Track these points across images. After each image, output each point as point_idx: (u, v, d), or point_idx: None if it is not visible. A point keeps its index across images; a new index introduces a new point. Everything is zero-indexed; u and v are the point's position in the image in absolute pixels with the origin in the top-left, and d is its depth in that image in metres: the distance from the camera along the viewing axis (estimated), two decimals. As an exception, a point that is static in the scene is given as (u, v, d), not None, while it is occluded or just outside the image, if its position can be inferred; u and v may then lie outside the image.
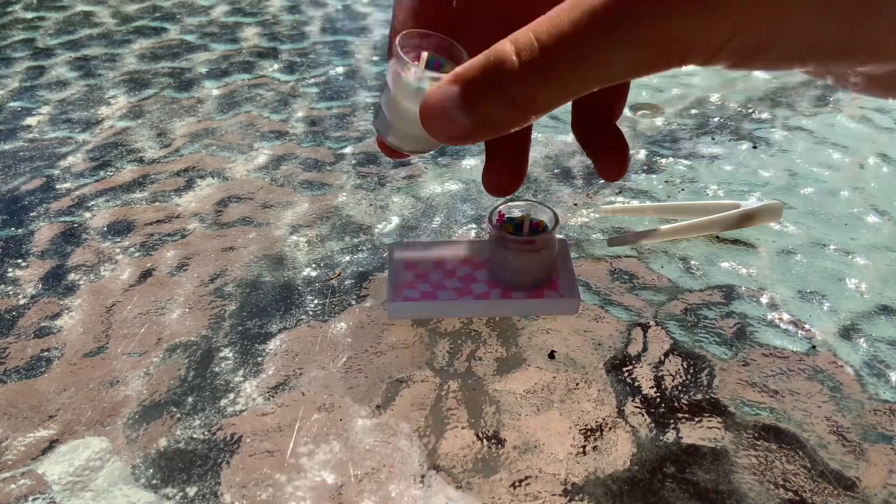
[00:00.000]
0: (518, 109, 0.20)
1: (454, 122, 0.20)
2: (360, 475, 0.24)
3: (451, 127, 0.21)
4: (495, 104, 0.20)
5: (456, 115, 0.20)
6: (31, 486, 0.24)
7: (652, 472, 0.24)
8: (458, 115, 0.20)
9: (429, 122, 0.21)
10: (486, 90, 0.20)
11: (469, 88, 0.20)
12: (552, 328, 0.30)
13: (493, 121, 0.20)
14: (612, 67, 0.18)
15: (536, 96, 0.19)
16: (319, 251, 0.35)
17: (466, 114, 0.20)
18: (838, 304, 0.31)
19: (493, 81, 0.19)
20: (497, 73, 0.19)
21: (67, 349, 0.29)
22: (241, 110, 0.47)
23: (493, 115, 0.20)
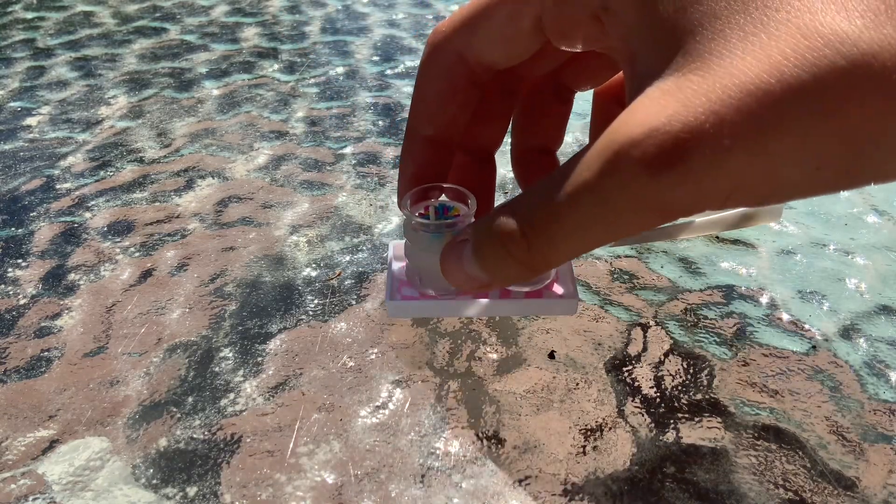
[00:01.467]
0: (528, 269, 0.21)
1: (472, 275, 0.22)
2: (360, 475, 0.24)
3: (470, 280, 0.22)
4: (505, 264, 0.21)
5: (472, 270, 0.22)
6: (31, 486, 0.24)
7: (652, 472, 0.24)
8: (474, 270, 0.22)
9: (449, 276, 0.23)
10: (494, 253, 0.21)
11: (480, 251, 0.22)
12: (552, 328, 0.30)
13: (506, 276, 0.22)
14: (614, 233, 0.19)
15: (540, 261, 0.20)
16: (319, 251, 0.35)
17: (481, 269, 0.22)
18: (838, 304, 0.31)
19: (500, 246, 0.21)
20: (503, 241, 0.20)
21: (67, 349, 0.29)
22: (241, 110, 0.47)
23: (505, 272, 0.22)
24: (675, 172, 0.16)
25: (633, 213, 0.18)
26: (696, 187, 0.17)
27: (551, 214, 0.19)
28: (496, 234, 0.21)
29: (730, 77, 0.16)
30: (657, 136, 0.16)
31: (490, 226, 0.21)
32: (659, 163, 0.16)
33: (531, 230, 0.20)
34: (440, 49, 0.24)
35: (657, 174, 0.16)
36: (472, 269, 0.22)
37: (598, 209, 0.18)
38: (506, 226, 0.20)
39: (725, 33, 0.17)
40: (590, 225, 0.18)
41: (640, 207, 0.17)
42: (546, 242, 0.19)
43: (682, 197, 0.17)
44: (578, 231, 0.19)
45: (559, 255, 0.20)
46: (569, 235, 0.19)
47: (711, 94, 0.16)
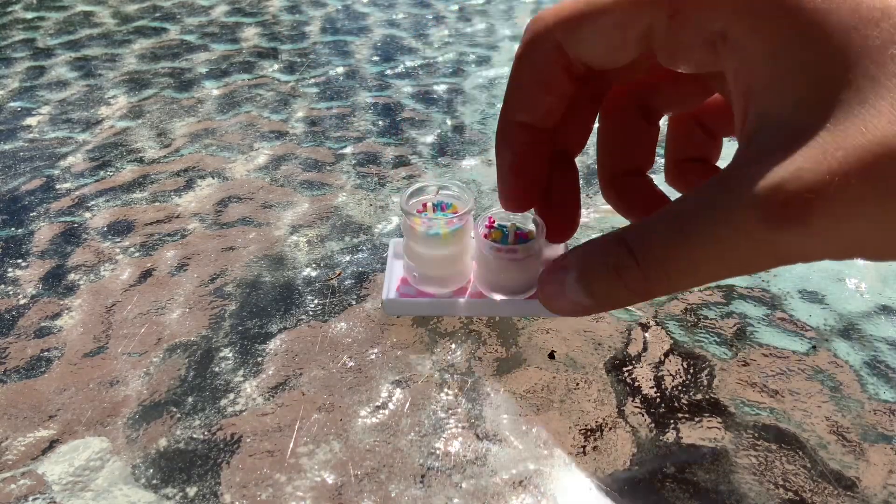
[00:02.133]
0: (638, 297, 0.21)
1: (576, 301, 0.23)
2: (360, 475, 0.24)
3: (573, 305, 0.23)
4: (616, 293, 0.21)
5: (577, 297, 0.22)
6: (31, 486, 0.24)
7: (652, 472, 0.24)
8: (580, 297, 0.22)
9: (549, 301, 0.24)
10: (607, 282, 0.21)
11: (588, 278, 0.22)
12: (552, 328, 0.30)
13: (614, 303, 0.23)
14: (728, 273, 0.19)
15: (651, 292, 0.21)
16: (319, 251, 0.35)
17: (588, 296, 0.22)
18: (838, 304, 0.31)
19: (614, 276, 0.21)
20: (619, 272, 0.21)
21: (67, 349, 0.29)
22: (241, 110, 0.47)
23: (614, 300, 0.22)
24: (796, 230, 0.17)
25: (749, 259, 0.18)
26: (816, 243, 0.17)
27: (671, 251, 0.19)
28: (611, 264, 0.21)
29: (859, 137, 0.16)
30: (782, 193, 0.16)
31: (603, 255, 0.21)
32: (781, 219, 0.17)
33: (648, 264, 0.20)
34: (541, 38, 0.23)
35: (778, 230, 0.17)
36: (577, 296, 0.22)
37: (716, 252, 0.18)
38: (622, 258, 0.20)
39: (859, 84, 0.16)
40: (705, 264, 0.19)
41: (757, 255, 0.18)
42: (663, 276, 0.20)
43: (800, 251, 0.17)
44: (693, 268, 0.19)
45: (672, 288, 0.20)
46: (684, 272, 0.20)
47: (839, 154, 0.16)
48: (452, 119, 0.46)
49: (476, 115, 0.46)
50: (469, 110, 0.47)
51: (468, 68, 0.52)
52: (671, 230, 0.19)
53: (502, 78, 0.51)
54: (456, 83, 0.50)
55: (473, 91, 0.49)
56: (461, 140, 0.44)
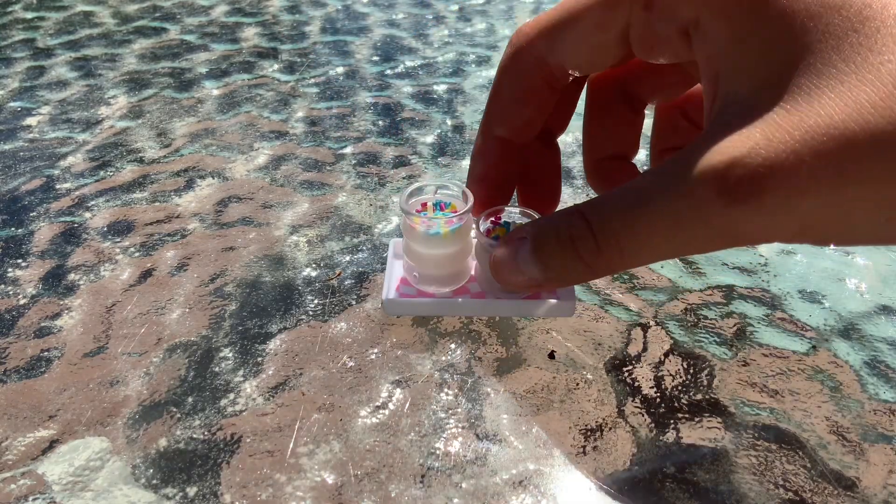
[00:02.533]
0: (590, 271, 0.21)
1: (527, 274, 0.22)
2: (360, 475, 0.24)
3: (523, 279, 0.23)
4: (568, 265, 0.21)
5: (528, 269, 0.22)
6: (31, 486, 0.24)
7: (652, 472, 0.24)
8: (531, 269, 0.22)
9: (501, 273, 0.24)
10: (561, 253, 0.21)
11: (542, 249, 0.22)
12: (552, 328, 0.30)
13: (565, 276, 0.22)
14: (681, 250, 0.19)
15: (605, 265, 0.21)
16: (319, 251, 0.35)
17: (540, 269, 0.22)
18: (838, 304, 0.31)
19: (568, 246, 0.21)
20: (574, 242, 0.21)
21: (67, 349, 0.29)
22: (241, 110, 0.47)
23: (565, 272, 0.22)
24: (749, 206, 0.17)
25: (703, 236, 0.18)
26: (767, 222, 0.17)
27: (626, 223, 0.19)
28: (565, 234, 0.21)
29: (816, 118, 0.16)
30: (736, 169, 0.17)
31: (558, 225, 0.21)
32: (735, 194, 0.17)
33: (603, 235, 0.20)
34: (522, 51, 0.24)
35: (731, 204, 0.17)
36: (529, 268, 0.22)
37: (670, 226, 0.18)
38: (577, 228, 0.20)
39: (818, 69, 0.16)
40: (660, 240, 0.19)
41: (711, 232, 0.18)
42: (616, 249, 0.20)
43: (752, 229, 0.17)
44: (649, 243, 0.19)
45: (625, 262, 0.20)
46: (639, 246, 0.20)
47: (795, 133, 0.16)
48: (452, 119, 0.46)
49: (476, 115, 0.46)
50: (469, 110, 0.47)
51: (468, 68, 0.52)
52: (628, 203, 0.19)
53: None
54: (456, 83, 0.50)
55: (473, 91, 0.49)
56: (461, 140, 0.44)
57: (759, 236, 0.18)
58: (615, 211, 0.20)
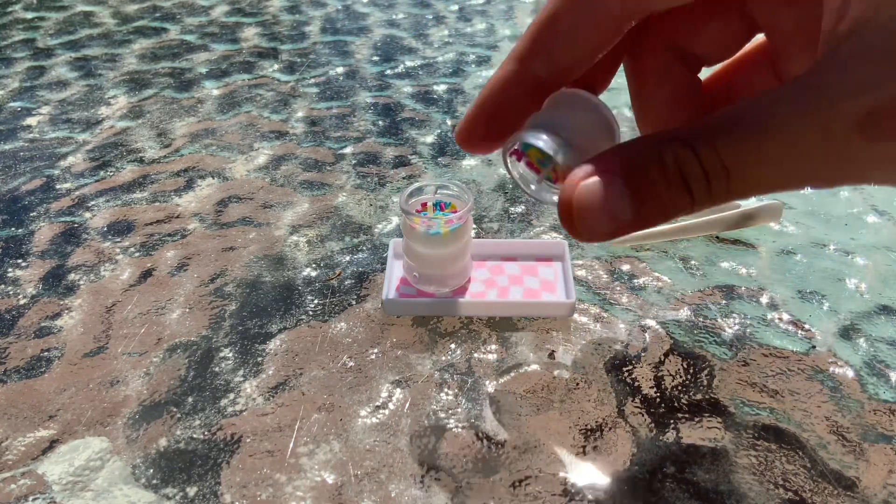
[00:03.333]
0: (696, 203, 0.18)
1: (614, 214, 0.18)
2: (360, 475, 0.24)
3: (609, 220, 0.19)
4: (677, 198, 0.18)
5: (618, 207, 0.18)
6: (31, 486, 0.24)
7: (652, 472, 0.24)
8: (621, 207, 0.18)
9: (582, 216, 0.19)
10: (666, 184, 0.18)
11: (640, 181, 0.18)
12: (552, 328, 0.30)
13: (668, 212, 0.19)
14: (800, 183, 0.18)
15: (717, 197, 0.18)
16: (319, 251, 0.35)
17: (635, 204, 0.18)
18: (838, 304, 0.31)
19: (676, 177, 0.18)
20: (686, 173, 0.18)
21: (67, 349, 0.29)
22: (241, 110, 0.47)
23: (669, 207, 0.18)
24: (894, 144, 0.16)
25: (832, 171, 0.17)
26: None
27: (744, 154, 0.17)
28: (672, 166, 0.18)
29: None
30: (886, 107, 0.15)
31: (661, 155, 0.18)
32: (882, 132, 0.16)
33: (712, 166, 0.17)
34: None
35: (876, 142, 0.16)
36: (619, 205, 0.18)
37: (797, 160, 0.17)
38: (684, 158, 0.17)
39: None
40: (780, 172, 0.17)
41: (843, 167, 0.17)
42: (725, 180, 0.17)
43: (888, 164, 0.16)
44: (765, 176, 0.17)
45: (733, 194, 0.18)
46: (755, 179, 0.17)
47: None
48: (452, 119, 0.46)
49: (476, 115, 0.46)
50: (469, 110, 0.47)
51: (468, 68, 0.52)
52: (748, 131, 0.17)
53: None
54: (456, 83, 0.50)
55: (473, 91, 0.49)
56: (461, 140, 0.44)
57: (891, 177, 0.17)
58: (730, 142, 0.17)
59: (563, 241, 0.33)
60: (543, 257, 0.33)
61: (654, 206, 0.18)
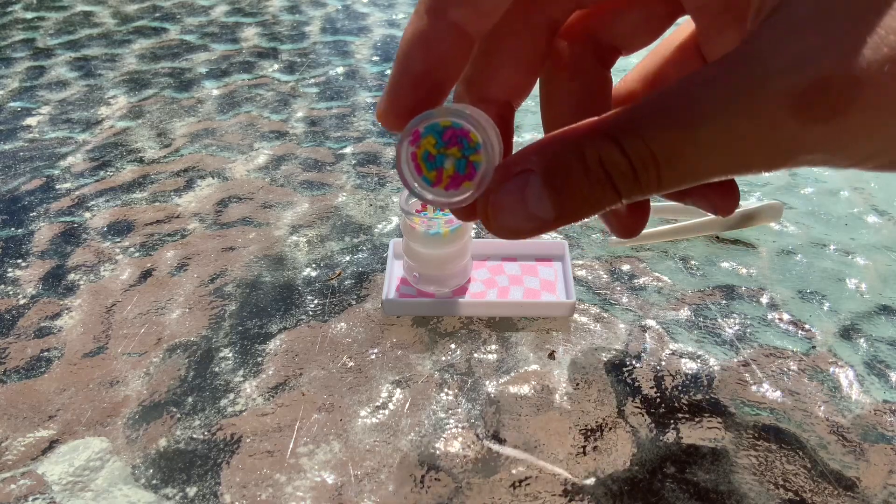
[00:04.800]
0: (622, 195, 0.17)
1: (534, 213, 0.18)
2: (360, 475, 0.24)
3: (529, 220, 0.18)
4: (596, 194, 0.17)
5: (538, 206, 0.18)
6: (31, 486, 0.24)
7: (652, 472, 0.24)
8: (541, 206, 0.18)
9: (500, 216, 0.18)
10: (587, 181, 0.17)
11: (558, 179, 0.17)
12: (552, 328, 0.30)
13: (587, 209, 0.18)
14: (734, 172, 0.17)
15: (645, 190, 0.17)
16: (319, 251, 0.35)
17: (555, 203, 0.17)
18: (838, 304, 0.31)
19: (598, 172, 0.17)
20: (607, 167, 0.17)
21: (67, 349, 0.29)
22: (241, 110, 0.47)
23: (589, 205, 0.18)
24: (829, 125, 0.14)
25: (765, 158, 0.16)
26: (847, 142, 0.15)
27: (672, 146, 0.16)
28: (594, 162, 0.17)
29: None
30: (819, 83, 0.14)
31: (582, 152, 0.17)
32: (814, 112, 0.14)
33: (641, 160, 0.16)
34: None
35: (808, 124, 0.15)
36: (539, 205, 0.17)
37: (727, 149, 0.16)
38: (608, 153, 0.16)
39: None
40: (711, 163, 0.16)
41: (776, 155, 0.16)
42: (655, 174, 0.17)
43: (826, 150, 0.15)
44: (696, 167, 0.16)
45: (664, 187, 0.17)
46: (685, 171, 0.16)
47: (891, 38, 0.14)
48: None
49: (476, 115, 0.46)
50: (469, 110, 0.47)
51: (468, 68, 0.52)
52: (675, 122, 0.16)
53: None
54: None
55: (473, 91, 0.49)
56: (461, 140, 0.44)
57: (828, 159, 0.16)
58: (658, 132, 0.16)
59: (563, 242, 0.33)
60: (543, 257, 0.33)
61: (577, 204, 0.18)
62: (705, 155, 0.16)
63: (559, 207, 0.18)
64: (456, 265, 0.29)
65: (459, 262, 0.29)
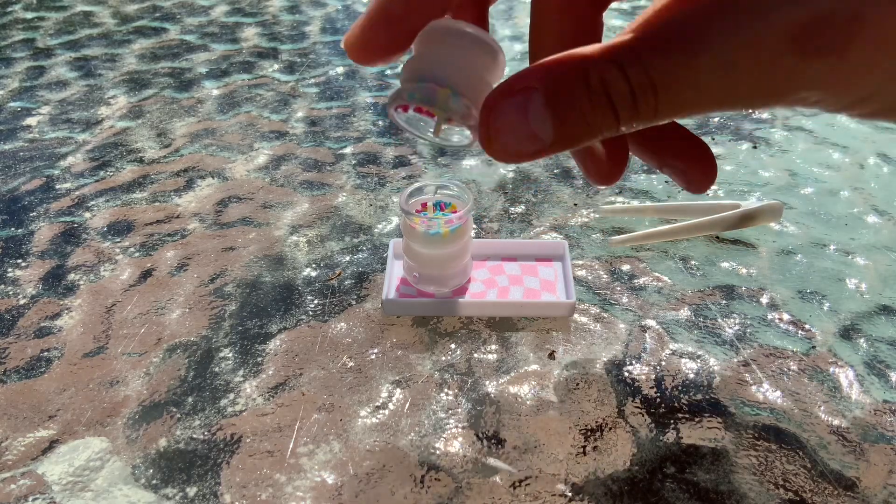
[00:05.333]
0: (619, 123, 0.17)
1: (533, 133, 0.18)
2: (360, 475, 0.24)
3: (528, 140, 0.18)
4: (598, 115, 0.17)
5: (538, 125, 0.17)
6: (31, 486, 0.24)
7: (652, 472, 0.24)
8: (542, 126, 0.17)
9: (499, 135, 0.18)
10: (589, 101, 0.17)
11: (560, 99, 0.17)
12: (552, 328, 0.30)
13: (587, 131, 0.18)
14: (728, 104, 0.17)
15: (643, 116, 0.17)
16: (319, 251, 0.35)
17: (554, 124, 0.17)
18: (838, 304, 0.31)
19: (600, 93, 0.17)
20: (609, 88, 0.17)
21: (67, 349, 0.29)
22: (241, 110, 0.47)
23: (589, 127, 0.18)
24: (828, 61, 0.15)
25: (762, 91, 0.16)
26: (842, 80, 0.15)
27: (672, 73, 0.16)
28: (596, 82, 0.17)
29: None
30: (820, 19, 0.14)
31: (586, 71, 0.17)
32: (814, 47, 0.15)
33: (640, 85, 0.16)
34: None
35: (807, 58, 0.15)
36: (539, 124, 0.17)
37: (725, 80, 0.16)
38: (609, 75, 0.17)
39: None
40: (709, 93, 0.16)
41: (773, 88, 0.16)
42: (653, 100, 0.17)
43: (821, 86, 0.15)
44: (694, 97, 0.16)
45: (661, 115, 0.17)
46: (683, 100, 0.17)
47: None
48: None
49: (476, 115, 0.46)
50: (469, 110, 0.47)
51: (468, 68, 0.52)
52: (676, 52, 0.16)
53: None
54: (456, 83, 0.50)
55: (473, 91, 0.49)
56: (461, 140, 0.44)
57: (821, 99, 0.16)
58: (658, 60, 0.16)
59: (563, 242, 0.33)
60: (543, 257, 0.33)
61: (577, 126, 0.18)
62: (703, 85, 0.16)
63: (559, 127, 0.17)
64: (456, 265, 0.29)
65: (459, 262, 0.29)
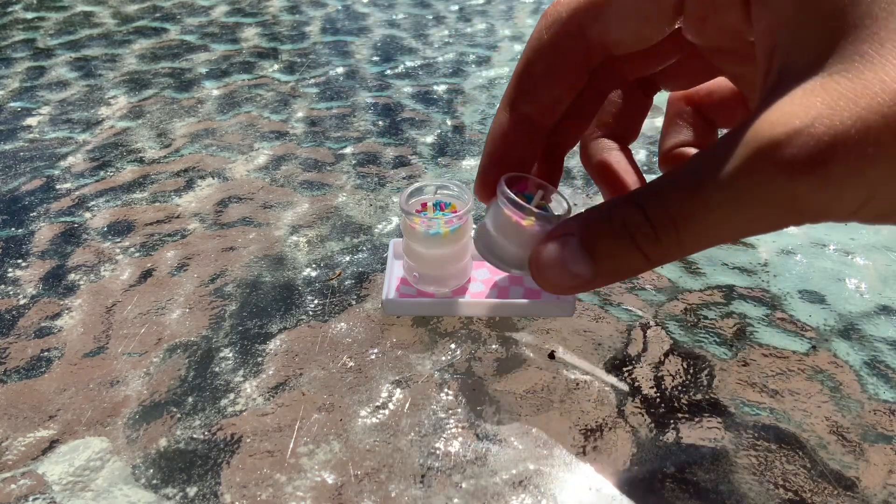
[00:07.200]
0: (647, 262, 0.20)
1: (575, 272, 0.21)
2: (360, 475, 0.24)
3: (571, 278, 0.21)
4: (624, 258, 0.20)
5: (577, 267, 0.21)
6: (31, 486, 0.24)
7: (652, 472, 0.24)
8: (581, 267, 0.21)
9: (544, 273, 0.22)
10: (615, 245, 0.20)
11: (594, 244, 0.20)
12: (552, 328, 0.30)
13: (620, 270, 0.21)
14: (745, 231, 0.19)
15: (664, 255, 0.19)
16: (319, 251, 0.35)
17: (591, 264, 0.20)
18: (838, 304, 0.31)
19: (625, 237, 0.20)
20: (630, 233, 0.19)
21: (67, 349, 0.29)
22: (241, 110, 0.47)
23: (621, 266, 0.20)
24: (815, 177, 0.16)
25: (766, 214, 0.17)
26: (833, 194, 0.16)
27: (684, 208, 0.18)
28: (619, 225, 0.20)
29: (880, 84, 0.16)
30: (800, 139, 0.16)
31: (611, 217, 0.20)
32: (800, 166, 0.16)
33: (661, 223, 0.19)
34: (562, 21, 0.23)
35: (796, 177, 0.16)
36: (578, 266, 0.21)
37: (730, 208, 0.18)
38: (632, 217, 0.19)
39: (880, 37, 0.16)
40: (721, 223, 0.18)
41: (774, 210, 0.17)
42: (675, 236, 0.19)
43: (818, 201, 0.17)
44: (709, 228, 0.18)
45: (685, 249, 0.19)
46: (700, 232, 0.19)
47: (860, 100, 0.16)
48: (452, 119, 0.46)
49: (476, 115, 0.46)
50: (469, 110, 0.47)
51: (468, 68, 0.52)
52: (684, 187, 0.18)
53: (502, 78, 0.51)
54: (456, 83, 0.50)
55: (473, 91, 0.49)
56: (461, 140, 0.44)
57: (826, 209, 0.17)
58: (671, 196, 0.19)
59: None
60: (543, 257, 0.33)
61: (609, 264, 0.20)
62: (719, 215, 0.18)
63: (595, 267, 0.20)
64: (456, 265, 0.29)
65: (459, 262, 0.29)
